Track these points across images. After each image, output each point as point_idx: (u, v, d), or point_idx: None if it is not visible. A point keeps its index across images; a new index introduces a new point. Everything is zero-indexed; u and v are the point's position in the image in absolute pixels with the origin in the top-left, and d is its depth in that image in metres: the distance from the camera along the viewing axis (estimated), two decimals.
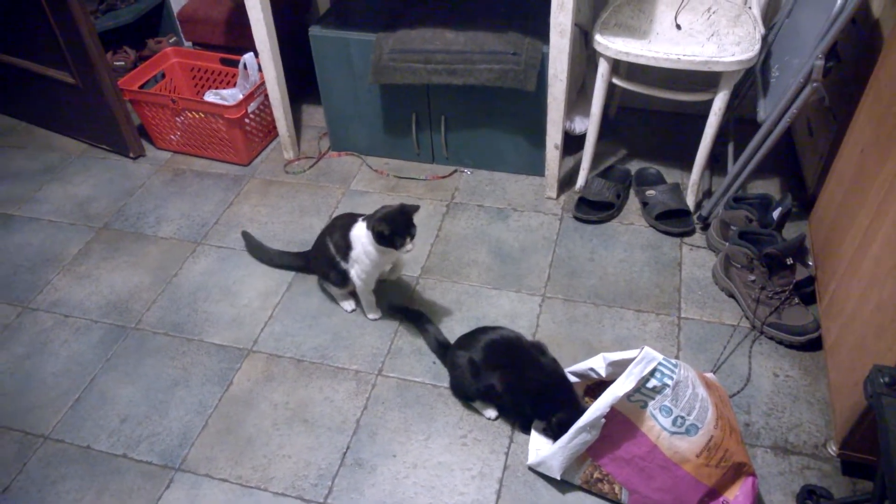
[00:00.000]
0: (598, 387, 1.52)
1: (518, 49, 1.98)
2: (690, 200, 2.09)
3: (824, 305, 1.69)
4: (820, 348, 1.69)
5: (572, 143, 2.29)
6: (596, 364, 1.46)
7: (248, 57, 2.33)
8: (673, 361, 1.32)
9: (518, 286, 1.92)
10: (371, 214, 1.66)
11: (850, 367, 1.45)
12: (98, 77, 2.24)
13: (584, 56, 2.27)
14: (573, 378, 1.53)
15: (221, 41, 2.57)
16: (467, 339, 1.61)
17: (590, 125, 2.08)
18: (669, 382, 1.31)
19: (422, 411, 1.63)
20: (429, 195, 2.24)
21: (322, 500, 1.47)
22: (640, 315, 1.82)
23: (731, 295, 1.85)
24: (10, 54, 2.44)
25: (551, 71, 1.91)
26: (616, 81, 1.99)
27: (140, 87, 2.39)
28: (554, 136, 2.05)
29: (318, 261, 1.83)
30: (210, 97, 2.45)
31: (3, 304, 1.95)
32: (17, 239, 2.16)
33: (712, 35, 1.86)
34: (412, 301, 1.89)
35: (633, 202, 2.17)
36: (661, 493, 1.36)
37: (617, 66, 1.98)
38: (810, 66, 1.65)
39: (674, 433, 1.32)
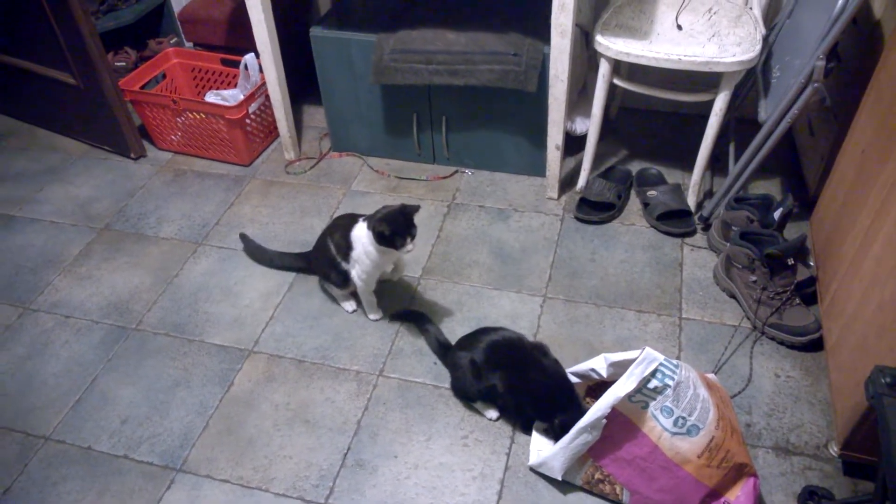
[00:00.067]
0: (600, 387, 1.51)
1: (519, 50, 1.98)
2: (691, 201, 2.09)
3: (825, 306, 1.69)
4: (821, 349, 1.69)
5: (573, 143, 2.29)
6: (597, 365, 1.46)
7: (249, 57, 2.33)
8: (674, 362, 1.32)
9: (519, 287, 1.92)
10: (372, 215, 1.66)
11: (851, 368, 1.45)
12: (99, 78, 2.24)
13: (585, 57, 2.27)
14: (574, 379, 1.53)
15: (222, 42, 2.57)
16: (469, 339, 1.61)
17: (591, 126, 2.08)
18: (671, 383, 1.31)
19: (423, 412, 1.63)
20: (430, 196, 2.24)
21: (323, 500, 1.47)
22: (642, 316, 1.82)
23: (732, 295, 1.85)
24: (11, 55, 2.44)
25: (552, 71, 1.91)
26: (617, 82, 1.99)
27: (141, 88, 2.39)
28: (555, 137, 2.05)
29: (319, 261, 1.83)
30: (211, 98, 2.45)
31: (4, 304, 1.95)
32: (18, 240, 2.16)
33: (713, 36, 1.86)
34: (413, 302, 1.89)
35: (634, 203, 2.17)
36: (662, 494, 1.36)
37: (618, 67, 1.98)
38: (811, 67, 1.65)
39: (675, 434, 1.32)
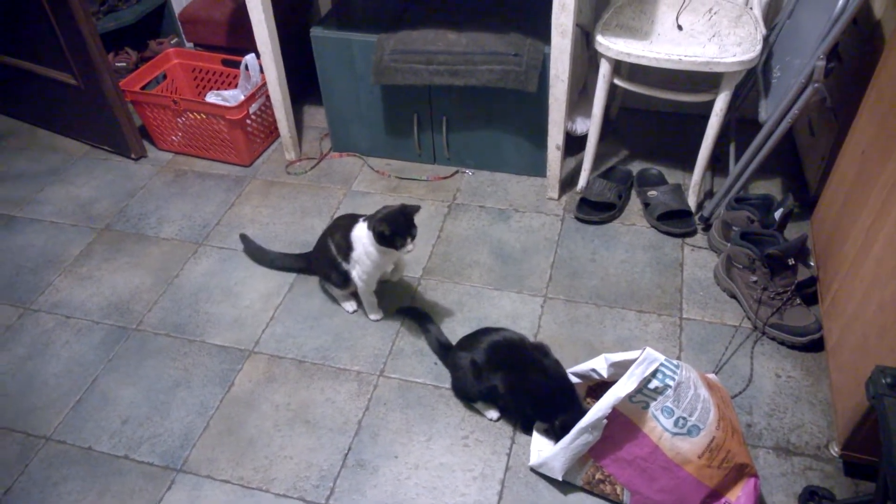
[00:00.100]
0: (600, 388, 1.51)
1: (519, 50, 1.98)
2: (692, 201, 2.09)
3: (826, 306, 1.69)
4: (822, 349, 1.69)
5: (574, 143, 2.29)
6: (598, 365, 1.46)
7: (249, 58, 2.33)
8: (675, 362, 1.32)
9: (520, 287, 1.92)
10: (372, 215, 1.66)
11: (852, 368, 1.45)
12: (100, 78, 2.24)
13: (586, 57, 2.27)
14: (575, 379, 1.53)
15: (223, 42, 2.57)
16: (470, 340, 1.61)
17: (591, 126, 2.08)
18: (671, 383, 1.30)
19: (423, 412, 1.63)
20: (430, 196, 2.24)
21: (324, 501, 1.47)
22: (642, 316, 1.82)
23: (732, 296, 1.85)
24: (11, 56, 2.44)
25: (553, 72, 1.91)
26: (617, 82, 1.99)
27: (142, 88, 2.39)
28: (555, 137, 2.05)
29: (320, 262, 1.83)
30: (211, 98, 2.45)
31: (5, 305, 1.95)
32: (19, 240, 2.16)
33: (713, 36, 1.86)
34: (414, 302, 1.89)
35: (634, 203, 2.17)
36: (662, 495, 1.36)
37: (618, 67, 1.98)
38: (812, 67, 1.65)
39: (675, 434, 1.32)
